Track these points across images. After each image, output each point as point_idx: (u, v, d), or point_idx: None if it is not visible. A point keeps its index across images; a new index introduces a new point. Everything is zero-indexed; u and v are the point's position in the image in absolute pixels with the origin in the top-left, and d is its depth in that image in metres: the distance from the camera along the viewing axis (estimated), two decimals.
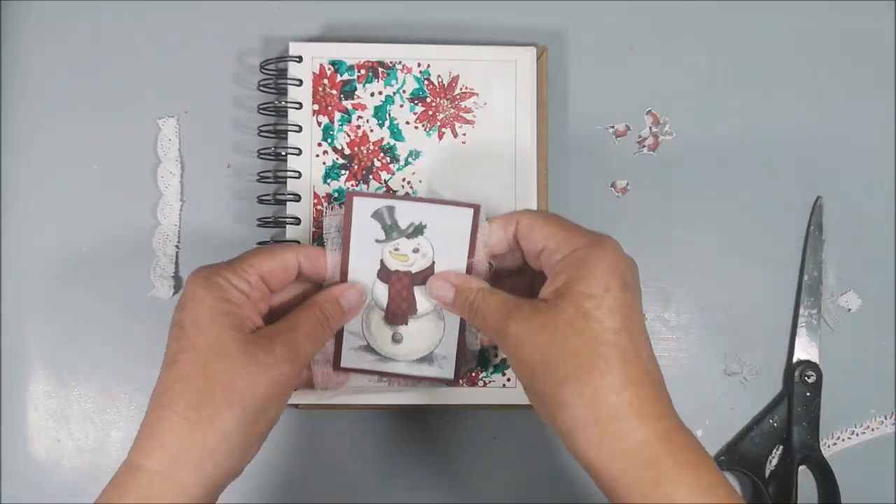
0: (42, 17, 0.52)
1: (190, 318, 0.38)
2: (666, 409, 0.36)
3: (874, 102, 0.53)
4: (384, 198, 0.45)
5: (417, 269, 0.45)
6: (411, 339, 0.46)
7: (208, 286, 0.39)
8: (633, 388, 0.36)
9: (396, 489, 0.51)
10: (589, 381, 0.36)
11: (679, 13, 0.53)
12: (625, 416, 0.35)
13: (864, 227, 0.53)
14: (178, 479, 0.36)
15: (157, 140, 0.51)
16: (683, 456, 0.35)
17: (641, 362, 0.36)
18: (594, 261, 0.38)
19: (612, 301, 0.37)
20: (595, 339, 0.36)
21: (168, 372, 0.38)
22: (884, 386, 0.52)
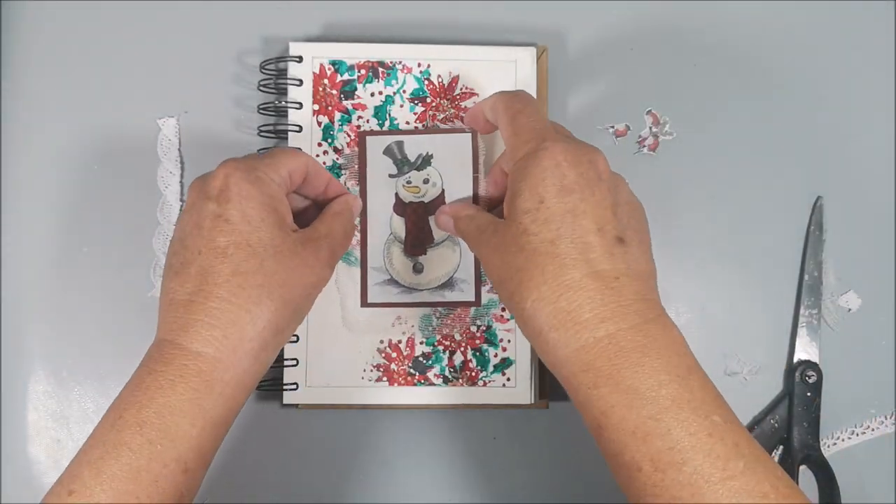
0: (42, 17, 0.52)
1: (238, 213, 0.38)
2: (614, 310, 0.36)
3: (874, 102, 0.53)
4: (393, 134, 0.48)
5: (430, 198, 0.48)
6: (431, 267, 0.49)
7: (253, 180, 0.39)
8: (570, 294, 0.36)
9: (396, 489, 0.51)
10: (528, 294, 0.37)
11: (679, 13, 0.53)
12: (561, 325, 0.36)
13: (864, 227, 0.53)
14: (240, 368, 0.38)
15: (157, 140, 0.51)
16: (625, 357, 0.35)
17: (585, 265, 0.36)
18: (529, 173, 0.38)
19: (545, 212, 0.37)
20: (533, 252, 0.37)
21: (219, 263, 0.37)
22: (884, 386, 0.52)
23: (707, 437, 0.34)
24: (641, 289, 0.37)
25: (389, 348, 0.49)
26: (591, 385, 0.36)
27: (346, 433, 0.51)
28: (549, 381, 0.50)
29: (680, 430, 0.34)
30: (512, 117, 0.41)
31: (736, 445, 0.34)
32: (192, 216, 0.39)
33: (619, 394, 0.35)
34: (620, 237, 0.37)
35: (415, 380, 0.49)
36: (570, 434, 0.51)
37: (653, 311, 0.37)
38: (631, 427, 0.35)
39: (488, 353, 0.49)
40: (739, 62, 0.53)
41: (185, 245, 0.39)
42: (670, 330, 0.37)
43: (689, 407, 0.35)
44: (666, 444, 0.34)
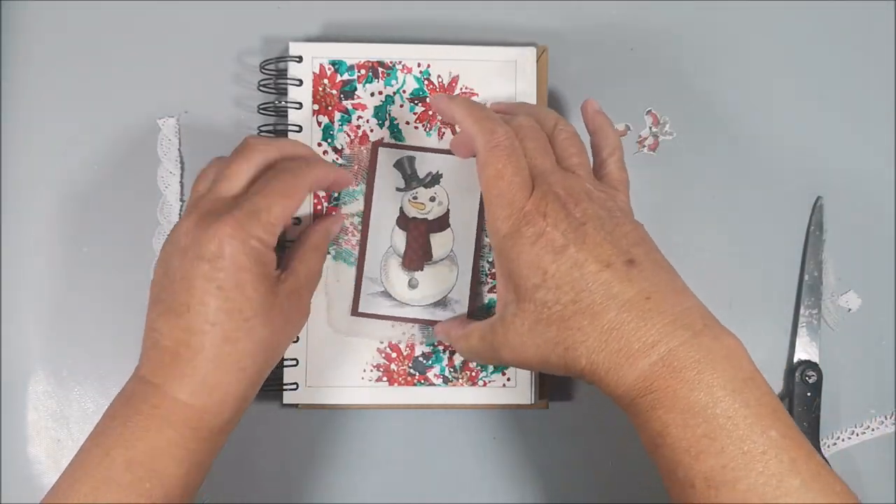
0: (42, 17, 0.52)
1: (232, 282, 0.39)
2: (660, 330, 0.36)
3: (874, 102, 0.53)
4: (405, 148, 0.48)
5: (434, 216, 0.49)
6: (426, 284, 0.49)
7: (248, 252, 0.39)
8: (614, 334, 0.37)
9: (396, 489, 0.51)
10: (578, 356, 0.38)
11: (679, 13, 0.53)
12: (616, 365, 0.37)
13: (864, 227, 0.53)
14: (225, 417, 0.40)
15: (157, 140, 0.51)
16: (680, 378, 0.36)
17: (613, 301, 0.37)
18: (520, 252, 0.39)
19: (553, 280, 0.38)
20: (561, 318, 0.38)
21: (209, 327, 0.38)
22: (884, 386, 0.52)
23: (761, 455, 0.34)
24: (677, 300, 0.38)
25: (389, 348, 0.49)
26: (649, 408, 0.36)
27: (346, 433, 0.51)
28: (549, 381, 0.50)
29: (733, 448, 0.34)
30: (493, 180, 0.40)
31: (793, 462, 0.34)
32: (182, 263, 0.39)
33: (674, 414, 0.36)
34: (629, 260, 0.38)
35: (415, 380, 0.49)
36: (570, 434, 0.51)
37: (699, 320, 0.37)
38: (685, 446, 0.35)
39: None
40: (739, 62, 0.53)
41: (174, 289, 0.39)
42: (724, 338, 0.37)
43: (744, 424, 0.35)
44: (719, 463, 0.35)
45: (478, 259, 0.49)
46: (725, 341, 0.37)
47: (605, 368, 0.37)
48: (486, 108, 0.43)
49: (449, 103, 0.44)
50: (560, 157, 0.42)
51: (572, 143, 0.43)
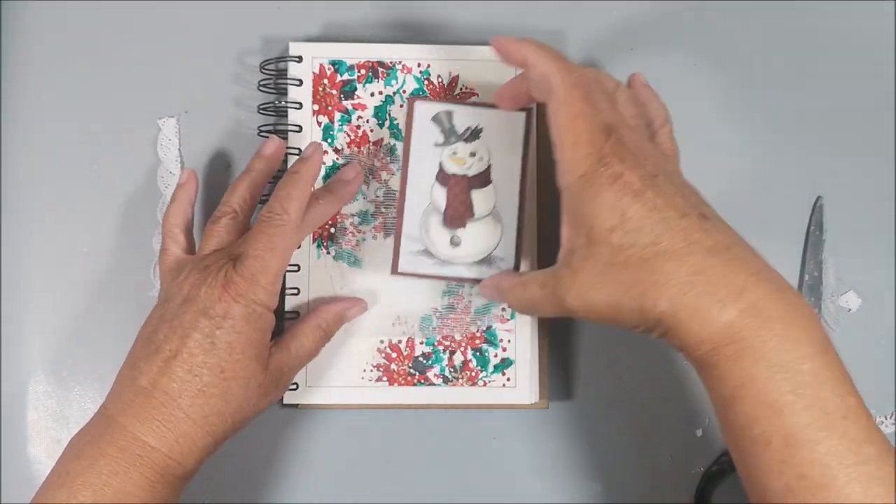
0: (42, 17, 0.52)
1: (225, 343, 0.40)
2: (747, 279, 0.35)
3: (874, 102, 0.53)
4: (444, 102, 0.47)
5: (474, 172, 0.47)
6: (469, 241, 0.47)
7: (248, 316, 0.41)
8: (701, 277, 0.35)
9: (396, 489, 0.51)
10: (659, 297, 0.36)
11: (679, 13, 0.53)
12: (703, 308, 0.35)
13: (864, 227, 0.53)
14: (189, 466, 0.41)
15: (157, 140, 0.51)
16: (770, 328, 0.35)
17: (697, 246, 0.36)
18: (597, 194, 0.38)
19: (632, 223, 0.37)
20: (641, 260, 0.36)
21: (190, 377, 0.40)
22: (884, 386, 0.52)
23: (842, 419, 0.34)
24: (755, 254, 0.37)
25: (389, 348, 0.49)
26: (732, 357, 0.35)
27: (346, 433, 0.51)
28: (549, 381, 0.50)
29: (817, 408, 0.34)
30: (572, 119, 0.39)
31: (869, 430, 0.34)
32: (183, 312, 0.41)
33: (761, 366, 0.34)
34: (702, 214, 0.37)
35: (415, 380, 0.49)
36: (570, 434, 0.51)
37: (777, 277, 0.37)
38: (769, 399, 0.34)
39: (488, 353, 0.49)
40: (739, 62, 0.53)
41: (167, 334, 0.41)
42: (805, 298, 0.37)
43: (829, 385, 0.34)
44: (802, 421, 0.34)
45: (523, 215, 0.48)
46: (805, 301, 0.36)
47: (690, 312, 0.36)
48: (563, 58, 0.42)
49: (518, 44, 0.42)
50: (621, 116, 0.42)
51: (631, 105, 0.42)
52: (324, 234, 0.49)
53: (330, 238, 0.49)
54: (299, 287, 0.48)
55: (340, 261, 0.49)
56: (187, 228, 0.47)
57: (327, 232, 0.49)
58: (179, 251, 0.46)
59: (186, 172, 0.48)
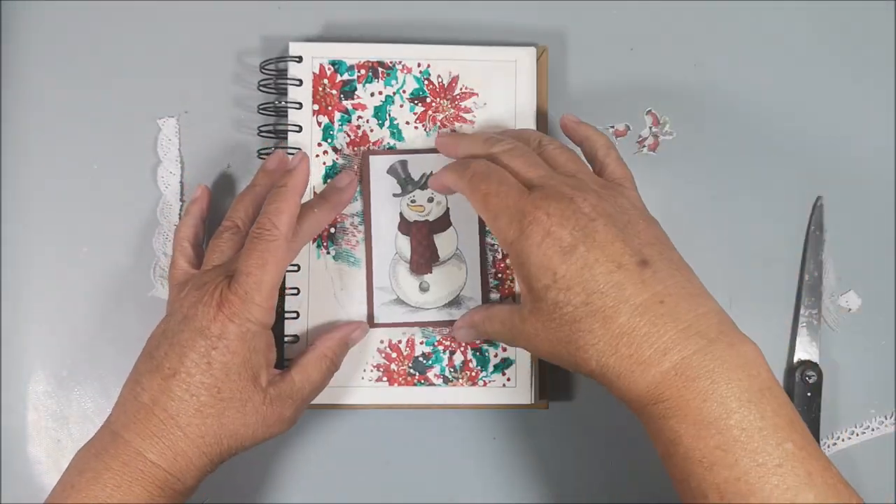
0: (42, 17, 0.52)
1: (220, 363, 0.41)
2: (673, 338, 0.36)
3: (874, 102, 0.53)
4: (396, 153, 0.48)
5: (434, 217, 0.49)
6: (437, 286, 0.49)
7: (243, 335, 0.41)
8: (625, 339, 0.36)
9: (397, 489, 0.51)
10: (588, 357, 0.38)
11: (679, 13, 0.53)
12: (628, 370, 0.37)
13: (864, 227, 0.53)
14: (188, 483, 0.41)
15: (157, 140, 0.51)
16: (693, 387, 0.35)
17: (625, 305, 0.37)
18: (528, 255, 0.39)
19: (564, 281, 0.38)
20: (572, 320, 0.38)
21: (188, 396, 0.40)
22: (884, 386, 0.52)
23: (776, 468, 0.34)
24: (692, 303, 0.37)
25: (389, 348, 0.49)
26: (660, 416, 0.36)
27: (346, 433, 0.51)
28: (549, 381, 0.50)
29: (748, 460, 0.34)
30: (483, 203, 0.41)
31: (809, 475, 0.34)
32: (182, 331, 0.41)
33: (686, 424, 0.35)
34: (643, 260, 0.37)
35: (415, 380, 0.49)
36: (570, 434, 0.51)
37: (713, 327, 0.37)
38: (698, 456, 0.35)
39: (488, 353, 0.49)
40: (739, 62, 0.53)
41: (168, 351, 0.41)
42: (739, 345, 0.36)
43: (759, 435, 0.34)
44: (733, 475, 0.34)
45: (485, 253, 0.49)
46: (741, 349, 0.36)
47: (616, 373, 0.37)
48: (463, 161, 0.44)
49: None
50: (556, 168, 0.42)
51: (562, 153, 0.43)
52: (324, 234, 0.49)
53: (330, 238, 0.49)
54: (299, 287, 0.48)
55: (340, 261, 0.49)
56: (197, 242, 0.48)
57: (327, 232, 0.49)
58: (187, 265, 0.46)
59: (200, 189, 0.49)
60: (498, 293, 0.49)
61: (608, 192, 0.41)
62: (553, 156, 0.43)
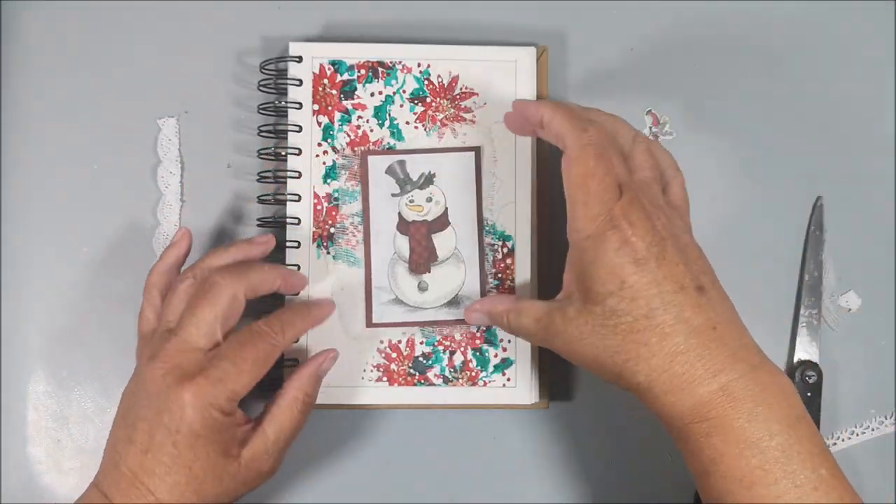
0: (42, 17, 0.52)
1: (186, 444, 0.39)
2: (723, 361, 0.37)
3: (874, 102, 0.53)
4: (395, 153, 0.48)
5: (433, 216, 0.49)
6: (436, 285, 0.49)
7: (204, 421, 0.40)
8: (680, 358, 0.37)
9: (397, 489, 0.51)
10: (638, 370, 0.38)
11: (679, 13, 0.53)
12: (677, 387, 0.37)
13: (864, 227, 0.53)
14: None
15: (157, 140, 0.51)
16: (739, 407, 0.36)
17: (684, 326, 0.38)
18: (601, 256, 0.39)
19: (630, 291, 0.38)
20: (629, 331, 0.38)
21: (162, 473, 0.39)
22: (884, 386, 0.52)
23: (812, 491, 0.35)
24: (738, 332, 0.39)
25: (389, 348, 0.49)
26: (703, 434, 0.37)
27: (346, 433, 0.51)
28: (549, 381, 0.50)
29: (787, 481, 0.35)
30: (582, 178, 0.39)
31: (841, 500, 0.36)
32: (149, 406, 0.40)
33: (730, 443, 0.36)
34: (700, 286, 0.39)
35: (415, 380, 0.49)
36: (570, 434, 0.51)
37: (756, 355, 0.39)
38: (739, 475, 0.36)
39: (488, 353, 0.49)
40: (739, 62, 0.53)
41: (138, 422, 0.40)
42: (778, 376, 0.38)
43: (797, 458, 0.36)
44: (772, 494, 0.35)
45: (483, 254, 0.49)
46: (780, 379, 0.38)
47: (664, 389, 0.38)
48: (573, 106, 0.43)
49: (536, 105, 0.43)
50: (635, 169, 0.42)
51: (650, 157, 0.43)
52: (324, 234, 0.49)
53: (330, 238, 0.49)
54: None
55: (340, 261, 0.49)
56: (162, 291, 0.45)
57: (327, 232, 0.49)
58: (153, 316, 0.44)
59: (180, 233, 0.47)
60: (497, 293, 0.49)
61: (672, 212, 0.41)
62: (640, 157, 0.42)
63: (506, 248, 0.49)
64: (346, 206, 0.49)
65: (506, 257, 0.49)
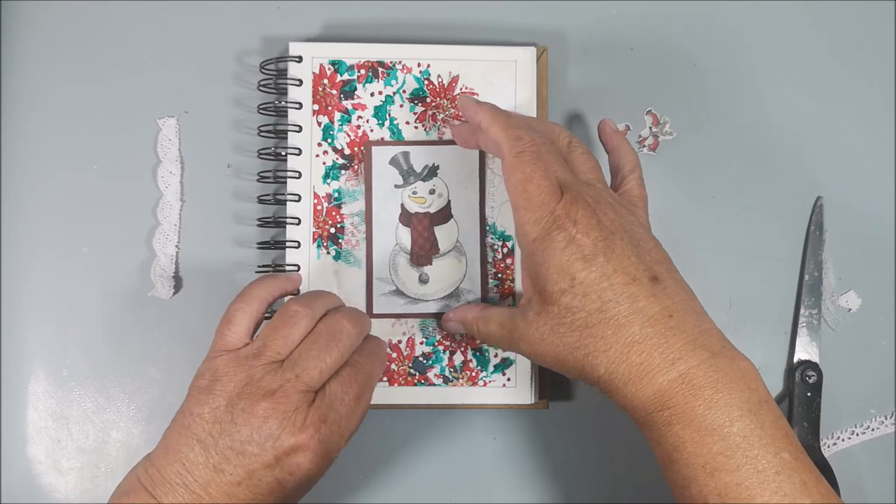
0: (42, 17, 0.52)
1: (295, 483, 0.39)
2: (681, 349, 0.37)
3: (874, 102, 0.53)
4: (399, 144, 0.48)
5: (435, 209, 0.49)
6: (437, 277, 0.49)
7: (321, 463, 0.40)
8: (637, 348, 0.38)
9: (397, 489, 0.51)
10: (598, 363, 0.38)
11: (678, 14, 0.53)
12: (636, 377, 0.38)
13: (864, 227, 0.53)
14: None
15: (157, 140, 0.51)
16: (698, 395, 0.36)
17: (638, 316, 0.38)
18: (549, 256, 0.39)
19: (581, 287, 0.39)
20: (585, 326, 0.39)
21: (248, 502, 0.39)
22: (884, 386, 0.52)
23: (775, 475, 0.35)
24: (697, 319, 0.39)
25: (389, 348, 0.49)
26: (665, 423, 0.37)
27: None
28: (549, 382, 0.50)
29: (749, 467, 0.35)
30: (521, 184, 0.40)
31: (804, 484, 0.36)
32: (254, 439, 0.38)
33: (691, 430, 0.36)
34: (653, 276, 0.39)
35: (415, 380, 0.49)
36: (570, 434, 0.51)
37: (717, 342, 0.38)
38: (701, 462, 0.36)
39: (488, 353, 0.49)
40: (739, 62, 0.53)
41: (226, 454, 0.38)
42: (740, 361, 0.38)
43: (759, 444, 0.36)
44: (734, 480, 0.35)
45: (484, 247, 0.49)
46: (741, 364, 0.38)
47: (624, 380, 0.38)
48: (511, 115, 0.43)
49: (476, 108, 0.43)
50: (577, 172, 0.43)
51: (588, 159, 0.43)
52: (324, 233, 0.49)
53: (330, 238, 0.49)
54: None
55: (340, 261, 0.49)
56: (262, 313, 0.43)
57: (327, 232, 0.49)
58: (245, 330, 0.42)
59: (298, 276, 0.48)
60: (498, 292, 0.49)
61: (621, 208, 0.41)
62: (578, 160, 0.43)
63: (506, 247, 0.49)
64: (346, 206, 0.49)
65: (506, 257, 0.49)
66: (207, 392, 0.39)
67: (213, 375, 0.40)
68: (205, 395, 0.39)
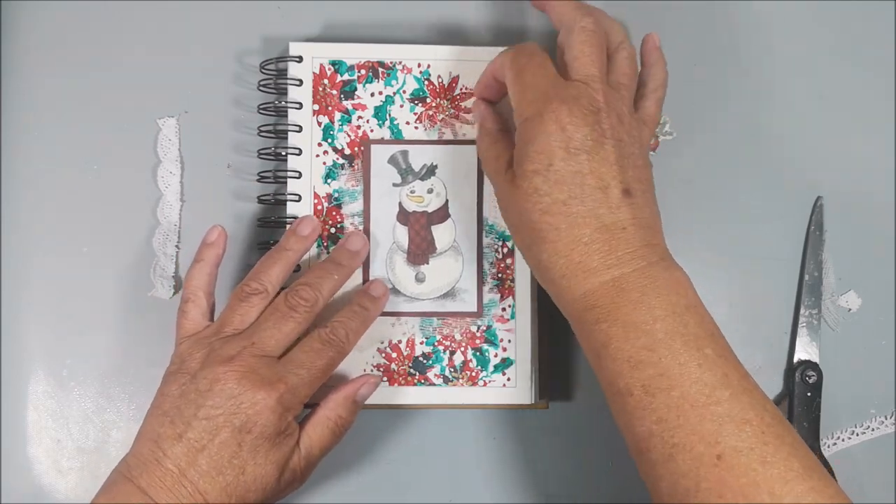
0: (42, 17, 0.52)
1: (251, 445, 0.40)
2: (620, 258, 0.39)
3: (875, 102, 0.53)
4: (398, 143, 0.48)
5: (433, 208, 0.49)
6: (433, 276, 0.49)
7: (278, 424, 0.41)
8: (581, 248, 0.39)
9: (397, 489, 0.51)
10: (543, 248, 0.40)
11: (678, 13, 0.53)
12: (572, 273, 0.39)
13: (864, 227, 0.53)
14: None
15: (157, 140, 0.51)
16: (625, 296, 0.38)
17: (595, 220, 0.39)
18: (535, 137, 0.40)
19: (555, 175, 0.39)
20: (545, 212, 0.40)
21: (216, 476, 0.40)
22: (884, 386, 0.52)
23: (696, 368, 0.37)
24: (646, 235, 0.40)
25: (389, 348, 0.49)
26: (593, 321, 0.39)
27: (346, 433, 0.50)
28: (549, 381, 0.50)
29: (671, 359, 0.37)
30: (517, 74, 0.42)
31: (725, 376, 0.38)
32: (214, 406, 0.40)
33: (617, 327, 0.38)
34: (627, 189, 0.40)
35: (415, 380, 0.49)
36: (570, 434, 0.51)
37: (656, 254, 0.40)
38: (626, 356, 0.38)
39: (488, 353, 0.49)
40: (739, 62, 0.53)
41: (194, 423, 0.40)
42: (673, 271, 0.40)
43: (681, 340, 0.38)
44: (657, 371, 0.38)
45: (482, 246, 0.49)
46: (675, 273, 0.40)
47: (560, 273, 0.40)
48: None
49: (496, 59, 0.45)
50: (612, 72, 0.43)
51: (629, 65, 0.44)
52: (324, 233, 0.49)
53: (330, 238, 0.49)
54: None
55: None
56: (211, 292, 0.46)
57: (327, 232, 0.49)
58: (200, 316, 0.45)
59: (216, 231, 0.48)
60: (498, 293, 0.49)
61: (630, 120, 0.42)
62: (620, 62, 0.44)
63: (505, 247, 0.49)
64: (346, 206, 0.49)
65: (506, 257, 0.49)
66: (175, 373, 0.43)
67: (179, 359, 0.43)
68: (173, 376, 0.42)
